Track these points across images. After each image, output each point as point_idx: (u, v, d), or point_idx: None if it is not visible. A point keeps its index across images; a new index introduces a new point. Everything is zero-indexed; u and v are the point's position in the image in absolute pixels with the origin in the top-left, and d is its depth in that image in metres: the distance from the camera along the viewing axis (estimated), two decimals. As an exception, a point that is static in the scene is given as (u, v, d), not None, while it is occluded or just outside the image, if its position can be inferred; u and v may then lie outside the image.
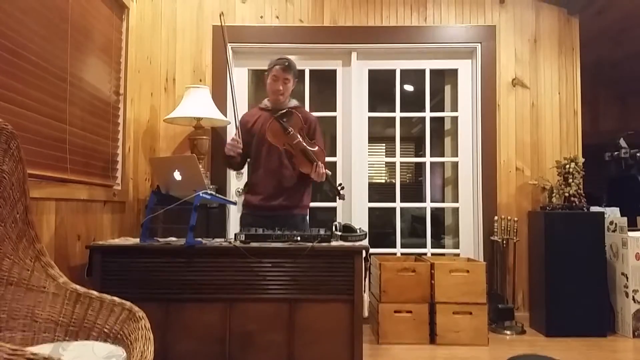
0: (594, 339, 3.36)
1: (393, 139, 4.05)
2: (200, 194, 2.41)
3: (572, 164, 3.59)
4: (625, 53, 4.85)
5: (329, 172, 2.88)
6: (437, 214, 4.30)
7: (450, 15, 3.91)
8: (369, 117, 3.98)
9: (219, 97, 3.69)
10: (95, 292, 1.79)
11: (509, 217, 3.70)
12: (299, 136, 2.84)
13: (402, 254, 3.92)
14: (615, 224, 3.61)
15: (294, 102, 3.09)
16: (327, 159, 3.89)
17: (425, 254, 3.86)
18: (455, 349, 3.15)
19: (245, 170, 3.85)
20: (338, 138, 3.95)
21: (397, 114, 4.02)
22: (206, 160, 3.65)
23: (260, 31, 3.83)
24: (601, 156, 4.49)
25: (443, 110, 4.29)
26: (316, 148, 2.89)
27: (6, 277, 1.72)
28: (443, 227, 4.38)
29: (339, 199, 2.86)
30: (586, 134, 3.95)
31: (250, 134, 3.03)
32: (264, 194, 2.98)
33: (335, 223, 2.73)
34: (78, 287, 1.81)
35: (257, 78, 4.29)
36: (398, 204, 4.00)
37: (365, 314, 2.37)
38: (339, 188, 2.82)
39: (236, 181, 3.86)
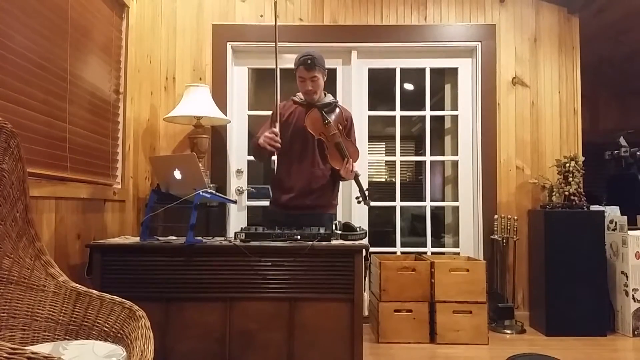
0: (594, 338, 3.37)
1: (393, 137, 4.05)
2: (200, 193, 2.41)
3: (572, 163, 3.59)
4: (626, 52, 4.85)
5: (359, 173, 2.83)
6: (437, 213, 4.30)
7: (450, 14, 3.91)
8: (369, 116, 3.98)
9: (219, 96, 3.69)
10: (95, 291, 1.79)
11: (509, 216, 3.70)
12: (336, 129, 2.79)
13: (402, 252, 3.92)
14: (615, 222, 3.61)
15: (330, 98, 2.98)
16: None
17: (425, 253, 3.86)
18: (455, 347, 3.15)
19: (245, 169, 3.87)
20: (338, 137, 3.95)
21: (397, 113, 4.02)
22: (206, 159, 3.65)
23: (260, 30, 3.82)
24: (601, 155, 4.49)
25: (443, 109, 4.28)
26: (351, 144, 2.85)
27: (6, 276, 1.72)
28: (443, 226, 4.38)
29: (364, 203, 2.78)
30: (586, 132, 3.95)
31: (284, 127, 2.91)
32: (294, 192, 2.89)
33: (335, 222, 2.73)
34: (78, 286, 1.81)
35: (257, 77, 4.29)
36: (398, 203, 4.00)
37: (365, 313, 2.37)
38: (367, 194, 2.76)
39: (236, 180, 3.86)
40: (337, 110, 2.89)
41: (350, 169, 2.75)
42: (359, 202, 2.80)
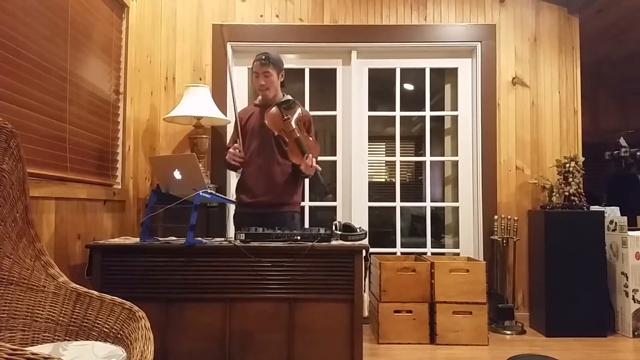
0: (594, 338, 3.36)
1: (393, 138, 4.05)
2: (200, 193, 2.41)
3: (572, 163, 3.59)
4: (626, 52, 4.85)
5: (319, 168, 2.87)
6: (437, 213, 4.30)
7: (450, 14, 3.91)
8: (369, 116, 3.98)
9: (219, 96, 3.69)
10: (95, 292, 1.79)
11: (509, 217, 3.70)
12: (295, 125, 2.87)
13: (402, 253, 3.92)
14: (615, 223, 3.61)
15: (288, 97, 3.05)
16: (328, 157, 3.89)
17: (425, 254, 3.86)
18: (455, 348, 3.15)
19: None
20: (338, 137, 3.95)
21: (397, 113, 4.02)
22: (206, 159, 3.65)
23: (260, 30, 3.82)
24: (601, 155, 4.49)
25: (443, 109, 4.28)
26: (311, 140, 2.91)
27: (6, 276, 1.72)
28: (443, 227, 4.38)
29: (325, 197, 2.86)
30: (586, 132, 3.95)
31: (244, 130, 3.01)
32: (255, 191, 2.95)
33: (335, 222, 2.73)
34: (78, 286, 1.81)
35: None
36: (398, 203, 4.00)
37: (365, 313, 2.38)
38: (327, 186, 2.82)
39: (236, 180, 3.85)
40: (297, 108, 2.96)
41: (310, 164, 2.80)
42: (323, 196, 2.82)
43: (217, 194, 2.66)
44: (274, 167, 2.94)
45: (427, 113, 4.02)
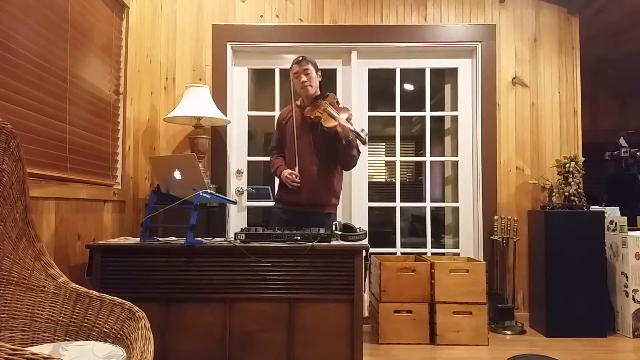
0: (594, 338, 3.36)
1: (393, 138, 4.05)
2: (200, 193, 2.41)
3: (572, 163, 3.59)
4: (625, 52, 4.85)
5: (352, 127, 2.95)
6: (437, 214, 4.30)
7: (450, 14, 3.91)
8: (369, 116, 3.98)
9: (219, 96, 3.69)
10: (95, 292, 1.79)
11: (509, 217, 3.70)
12: (326, 104, 3.00)
13: (402, 253, 3.92)
14: (615, 223, 3.61)
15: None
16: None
17: (425, 254, 3.86)
18: (455, 348, 3.15)
19: (245, 170, 3.87)
20: (338, 137, 3.94)
21: (397, 113, 4.02)
22: (206, 159, 3.65)
23: (260, 30, 3.82)
24: (601, 155, 4.49)
25: (443, 110, 4.28)
26: (342, 108, 3.04)
27: (6, 276, 1.72)
28: (443, 227, 4.38)
29: (362, 143, 2.95)
30: (586, 133, 3.95)
31: (284, 130, 3.11)
32: (301, 191, 3.00)
33: (335, 222, 2.73)
34: (78, 286, 1.81)
35: (257, 77, 4.29)
36: (398, 204, 4.00)
37: (365, 313, 2.38)
38: (362, 132, 2.89)
39: (236, 180, 3.85)
40: (330, 95, 3.09)
41: (344, 124, 2.88)
42: (360, 140, 2.93)
43: (217, 194, 2.65)
44: (321, 168, 3.01)
45: (427, 113, 4.02)
